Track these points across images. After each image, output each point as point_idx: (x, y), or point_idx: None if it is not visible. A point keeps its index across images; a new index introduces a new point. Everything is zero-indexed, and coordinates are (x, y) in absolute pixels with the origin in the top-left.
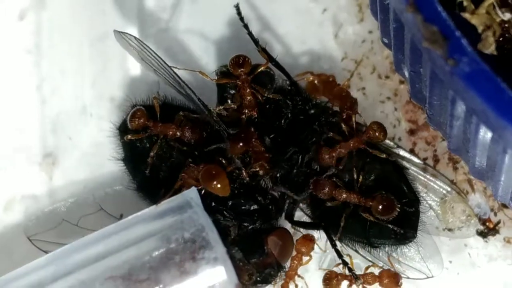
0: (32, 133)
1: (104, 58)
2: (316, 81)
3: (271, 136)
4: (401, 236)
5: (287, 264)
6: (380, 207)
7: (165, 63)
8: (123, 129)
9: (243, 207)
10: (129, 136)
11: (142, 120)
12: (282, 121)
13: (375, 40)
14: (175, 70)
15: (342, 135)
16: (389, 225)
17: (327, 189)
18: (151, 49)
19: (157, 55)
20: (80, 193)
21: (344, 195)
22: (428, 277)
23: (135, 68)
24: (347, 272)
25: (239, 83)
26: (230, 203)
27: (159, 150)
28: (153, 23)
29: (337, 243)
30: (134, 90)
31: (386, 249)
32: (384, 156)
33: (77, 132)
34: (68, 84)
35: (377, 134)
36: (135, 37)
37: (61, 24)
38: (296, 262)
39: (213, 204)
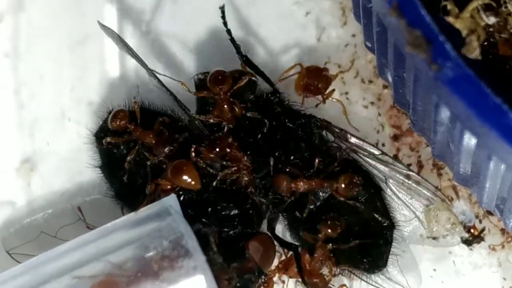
0: (9, 138)
1: (83, 62)
2: (304, 72)
3: (248, 152)
4: (370, 265)
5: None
6: (343, 185)
7: (145, 64)
8: (99, 136)
9: (223, 213)
10: (108, 139)
11: (124, 122)
12: (258, 137)
13: (358, 44)
14: (157, 75)
15: (315, 150)
16: (359, 259)
17: (284, 183)
18: (132, 49)
19: (137, 55)
20: (58, 201)
21: (305, 185)
22: None
23: (114, 72)
24: None
25: (218, 100)
26: (210, 209)
27: (137, 156)
28: (133, 27)
29: None
30: (112, 94)
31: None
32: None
33: (55, 137)
34: (46, 89)
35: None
36: (118, 35)
37: (39, 27)
38: None
39: (192, 210)
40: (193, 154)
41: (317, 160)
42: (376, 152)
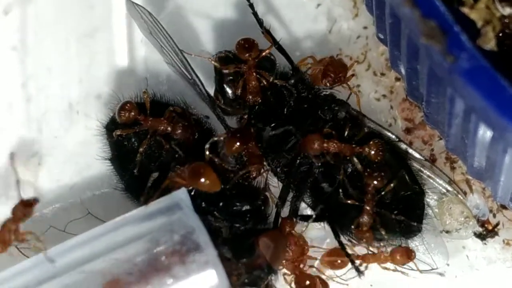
0: (17, 132)
1: (91, 55)
2: (317, 60)
3: (273, 124)
4: (406, 229)
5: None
6: (373, 150)
7: (174, 43)
8: (110, 128)
9: (234, 208)
10: (118, 132)
11: (133, 113)
12: (285, 109)
13: (370, 36)
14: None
15: (342, 126)
16: (395, 217)
17: (317, 142)
18: (162, 26)
19: (167, 33)
20: (67, 196)
21: (336, 146)
22: (433, 269)
23: (122, 65)
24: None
25: (245, 68)
26: (221, 204)
27: (148, 149)
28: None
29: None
30: (121, 87)
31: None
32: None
33: (63, 130)
34: (54, 82)
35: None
36: (148, 11)
37: (47, 19)
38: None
39: (203, 205)
40: (207, 152)
41: (347, 127)
42: (393, 137)
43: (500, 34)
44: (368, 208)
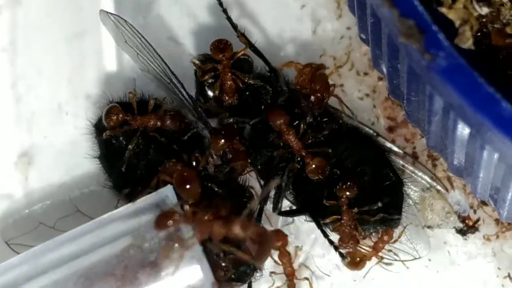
0: (6, 132)
1: (80, 56)
2: (299, 66)
3: (251, 122)
4: (386, 219)
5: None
6: (313, 167)
7: (153, 48)
8: (99, 126)
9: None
10: (108, 132)
11: (121, 116)
12: (262, 107)
13: (353, 37)
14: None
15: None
16: (374, 219)
17: (282, 120)
18: (139, 32)
19: (145, 39)
20: (56, 194)
21: (290, 138)
22: (415, 258)
23: (111, 65)
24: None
25: (220, 68)
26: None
27: (136, 147)
28: (131, 19)
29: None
30: (110, 87)
31: (372, 231)
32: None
33: (53, 130)
34: (43, 82)
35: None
36: (125, 20)
37: (36, 21)
38: (284, 259)
39: None
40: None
41: (302, 126)
42: (372, 133)
43: (478, 34)
44: (346, 220)
